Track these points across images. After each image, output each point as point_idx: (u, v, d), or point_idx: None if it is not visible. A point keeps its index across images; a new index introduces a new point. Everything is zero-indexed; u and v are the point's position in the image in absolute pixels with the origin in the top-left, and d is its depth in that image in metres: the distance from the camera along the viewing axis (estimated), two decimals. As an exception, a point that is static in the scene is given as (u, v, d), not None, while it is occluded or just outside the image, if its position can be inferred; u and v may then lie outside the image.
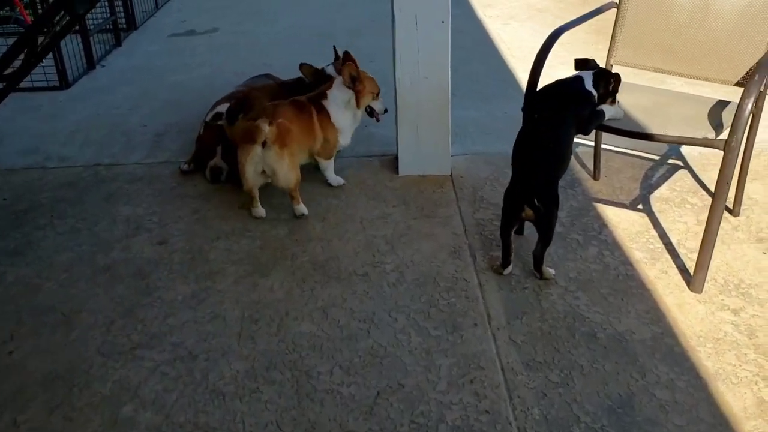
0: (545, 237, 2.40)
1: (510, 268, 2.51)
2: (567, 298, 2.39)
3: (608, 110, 2.43)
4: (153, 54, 5.23)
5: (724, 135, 2.26)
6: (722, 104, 2.62)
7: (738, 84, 2.61)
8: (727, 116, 2.50)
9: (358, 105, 3.05)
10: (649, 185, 3.11)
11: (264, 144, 2.73)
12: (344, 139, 3.10)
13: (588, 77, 2.46)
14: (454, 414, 1.94)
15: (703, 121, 2.46)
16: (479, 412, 1.94)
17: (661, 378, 2.04)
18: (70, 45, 4.63)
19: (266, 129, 2.70)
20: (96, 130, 3.88)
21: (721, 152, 2.26)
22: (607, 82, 2.46)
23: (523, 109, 2.54)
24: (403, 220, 2.89)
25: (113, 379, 2.10)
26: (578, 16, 2.82)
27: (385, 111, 3.14)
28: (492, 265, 2.57)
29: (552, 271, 2.46)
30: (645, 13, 2.78)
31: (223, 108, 3.35)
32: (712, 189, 3.04)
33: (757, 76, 2.14)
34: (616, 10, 2.86)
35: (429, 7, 2.88)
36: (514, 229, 2.53)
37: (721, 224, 2.75)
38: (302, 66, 3.36)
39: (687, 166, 3.26)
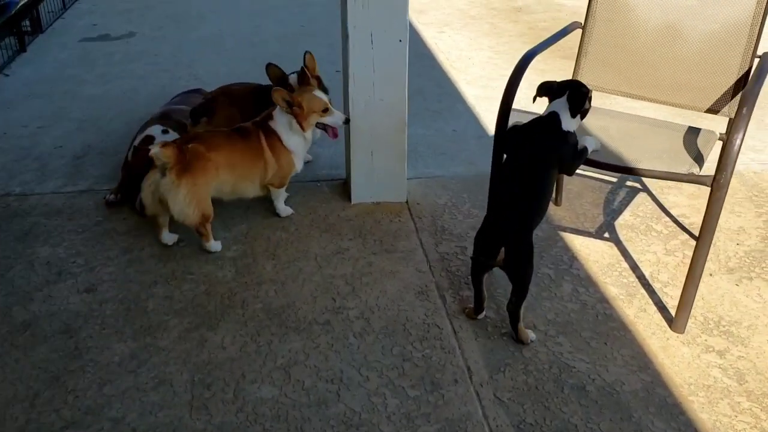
0: (519, 290, 2.18)
1: (483, 312, 2.33)
2: (549, 344, 2.22)
3: (589, 144, 2.27)
4: (64, 62, 4.76)
5: (709, 170, 2.15)
6: (693, 131, 2.52)
7: (709, 111, 2.52)
8: (704, 146, 2.40)
9: (302, 128, 2.77)
10: (612, 211, 3.00)
11: (163, 170, 2.45)
12: (298, 163, 2.83)
13: (563, 110, 2.23)
14: (447, 494, 1.73)
15: (681, 152, 2.35)
16: (474, 491, 1.74)
17: (660, 436, 1.90)
18: (-31, 53, 4.14)
19: (157, 151, 2.40)
20: (2, 154, 3.45)
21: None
22: (583, 102, 2.26)
23: (498, 146, 2.35)
24: (361, 255, 2.66)
25: (42, 472, 1.78)
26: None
27: (346, 121, 2.80)
28: (464, 308, 2.38)
29: (532, 335, 2.24)
30: (610, 36, 2.65)
31: (153, 131, 3.02)
32: (674, 213, 2.98)
33: (745, 109, 2.04)
34: (581, 31, 2.72)
35: (385, 25, 2.66)
36: (486, 274, 2.32)
37: (688, 253, 2.68)
38: (269, 67, 3.08)
39: (645, 189, 3.18)
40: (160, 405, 1.98)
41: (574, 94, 2.25)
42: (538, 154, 2.17)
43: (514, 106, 2.38)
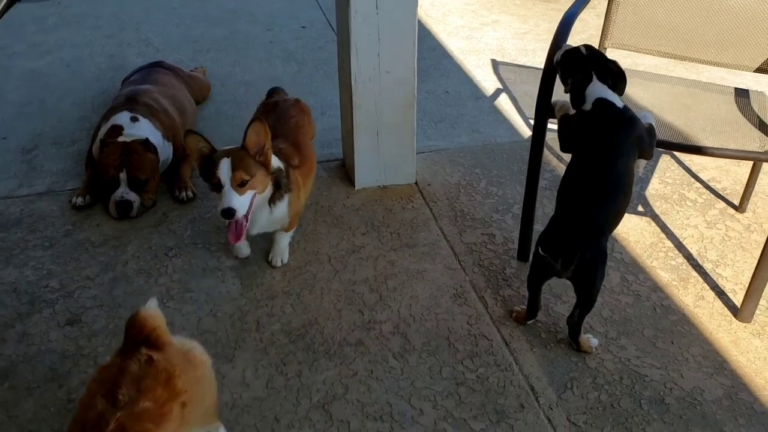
0: (586, 302, 1.90)
1: (534, 319, 2.07)
2: (612, 349, 1.99)
3: (649, 120, 1.98)
4: (-11, 31, 4.18)
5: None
6: (743, 94, 2.28)
7: (759, 70, 2.27)
8: (762, 111, 2.16)
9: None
10: (639, 179, 2.76)
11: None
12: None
13: (607, 92, 1.89)
14: None
15: (741, 121, 2.10)
16: None
17: (759, 454, 1.71)
18: None
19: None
20: (-64, 149, 2.95)
21: None
22: (624, 79, 1.94)
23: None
24: (380, 253, 2.35)
25: None
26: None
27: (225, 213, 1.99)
28: (511, 310, 2.11)
29: (594, 341, 1.99)
30: (645, -13, 2.35)
31: (121, 119, 2.59)
32: (703, 177, 2.78)
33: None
34: (610, -18, 2.41)
35: (393, -15, 2.28)
36: (546, 282, 2.03)
37: (731, 225, 2.48)
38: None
39: (666, 150, 2.94)
40: (186, 468, 1.66)
41: (605, 74, 1.90)
42: (615, 147, 1.85)
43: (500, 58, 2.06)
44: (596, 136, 1.86)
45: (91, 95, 3.40)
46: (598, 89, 1.90)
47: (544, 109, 2.06)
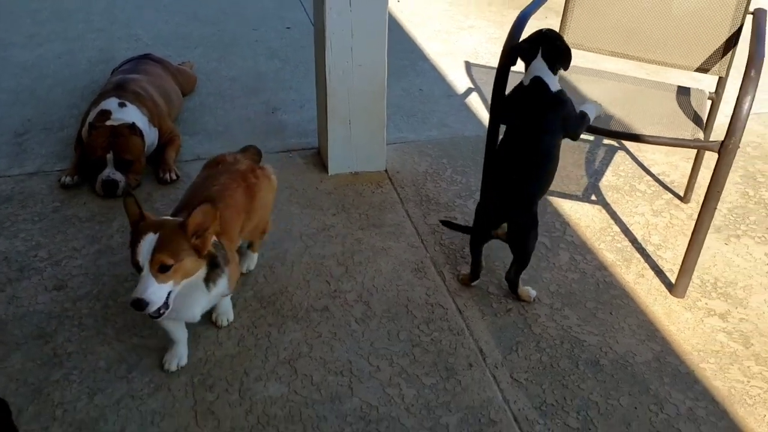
0: (520, 261, 2.16)
1: (478, 280, 2.27)
2: (556, 318, 2.18)
3: (590, 110, 2.18)
4: (-16, 23, 4.33)
5: (708, 132, 2.11)
6: (684, 92, 2.48)
7: (699, 70, 2.48)
8: (698, 107, 2.37)
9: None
10: (594, 171, 2.96)
11: None
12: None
13: (544, 72, 2.08)
14: (482, 489, 1.67)
15: (679, 115, 2.31)
16: (508, 482, 1.69)
17: (680, 408, 1.89)
18: None
19: None
20: (-69, 132, 3.11)
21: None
22: (559, 57, 2.10)
23: (495, 119, 2.23)
24: (349, 232, 2.53)
25: (41, 500, 1.62)
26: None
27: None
28: (458, 274, 2.31)
29: (533, 292, 2.22)
30: (598, -8, 2.55)
31: (109, 104, 2.77)
32: (654, 171, 2.97)
33: (753, 71, 1.99)
34: (566, -13, 2.61)
35: (364, -16, 2.48)
36: (486, 244, 2.26)
37: (675, 213, 2.68)
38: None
39: (622, 146, 3.15)
40: (161, 413, 1.83)
41: (549, 52, 2.09)
42: (541, 124, 2.06)
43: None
44: (527, 112, 2.07)
45: (81, 85, 3.57)
46: (538, 67, 2.09)
47: (499, 99, 2.25)
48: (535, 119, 2.08)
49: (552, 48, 2.11)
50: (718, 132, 2.29)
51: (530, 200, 2.06)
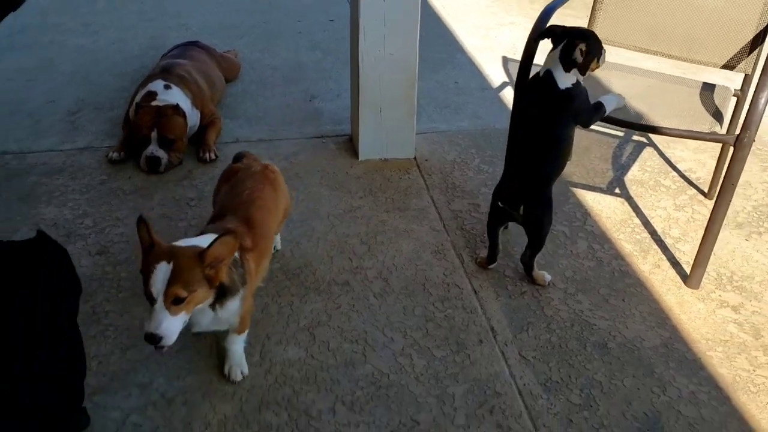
0: (535, 243, 2.23)
1: (495, 263, 2.35)
2: (569, 302, 2.24)
3: (610, 102, 2.23)
4: (46, 10, 4.57)
5: (732, 129, 2.15)
6: (709, 88, 2.52)
7: (725, 66, 2.51)
8: (721, 103, 2.40)
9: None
10: (620, 166, 3.00)
11: None
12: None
13: (556, 66, 2.10)
14: (482, 453, 1.76)
15: (700, 109, 2.35)
16: (507, 449, 1.77)
17: (682, 392, 1.95)
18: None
19: None
20: (-7, 108, 3.33)
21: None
22: (571, 55, 2.07)
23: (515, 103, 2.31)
24: (374, 214, 2.64)
25: (75, 439, 1.77)
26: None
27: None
28: (476, 257, 2.39)
29: (548, 276, 2.29)
30: (627, -12, 2.60)
31: (156, 86, 2.94)
32: (680, 168, 3.00)
33: (771, 67, 2.02)
34: (595, -18, 2.67)
35: (398, -24, 2.58)
36: (502, 228, 2.35)
37: (697, 209, 2.71)
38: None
39: (651, 143, 3.18)
40: (187, 369, 1.97)
41: (566, 48, 2.09)
42: (546, 117, 2.12)
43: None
44: (536, 103, 2.12)
45: (132, 70, 3.76)
46: (552, 60, 2.13)
47: (522, 84, 2.33)
48: (543, 111, 2.13)
49: (568, 48, 2.10)
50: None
51: (544, 182, 2.14)
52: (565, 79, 2.10)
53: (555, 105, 2.11)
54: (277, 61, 3.97)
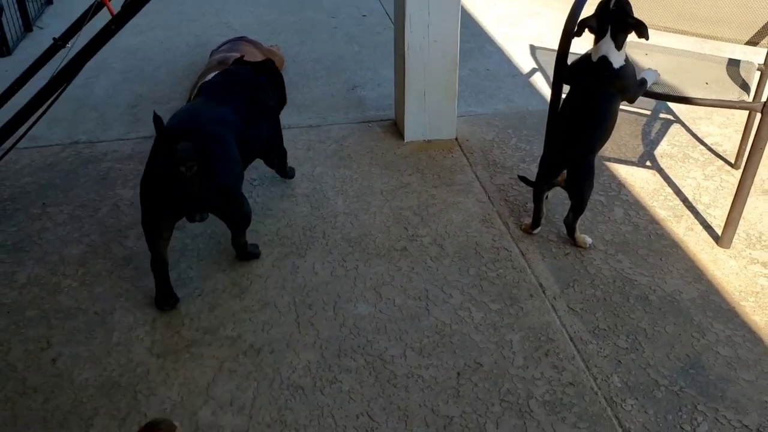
0: (578, 206, 2.43)
1: (539, 228, 2.55)
2: (610, 262, 2.44)
3: (650, 76, 2.43)
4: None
5: (758, 99, 2.33)
6: (734, 63, 2.70)
7: (749, 43, 2.69)
8: (746, 75, 2.59)
9: None
10: (650, 141, 3.19)
11: None
12: None
13: (610, 50, 2.29)
14: (541, 389, 1.96)
15: (727, 82, 2.54)
16: (564, 385, 1.97)
17: (719, 336, 2.14)
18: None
19: None
20: (59, 104, 3.55)
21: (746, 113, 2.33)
22: (625, 28, 2.27)
23: (562, 80, 2.50)
24: (423, 189, 2.85)
25: (179, 382, 1.99)
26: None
27: None
28: (521, 224, 2.60)
29: (589, 239, 2.49)
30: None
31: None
32: (707, 142, 3.18)
33: (794, 40, 2.21)
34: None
35: (441, -32, 2.79)
36: (547, 193, 2.55)
37: (725, 178, 2.89)
38: None
39: (678, 120, 3.37)
40: (270, 323, 2.19)
41: (616, 30, 2.28)
42: (601, 93, 2.32)
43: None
44: (591, 83, 2.33)
45: (182, 65, 4.00)
46: (605, 47, 2.34)
47: (561, 68, 2.53)
48: (597, 89, 2.34)
49: (621, 25, 2.30)
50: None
51: (589, 150, 2.34)
52: (619, 58, 2.30)
53: (608, 84, 2.31)
54: (316, 54, 4.19)
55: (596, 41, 2.37)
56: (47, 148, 3.17)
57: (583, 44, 2.49)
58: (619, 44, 2.32)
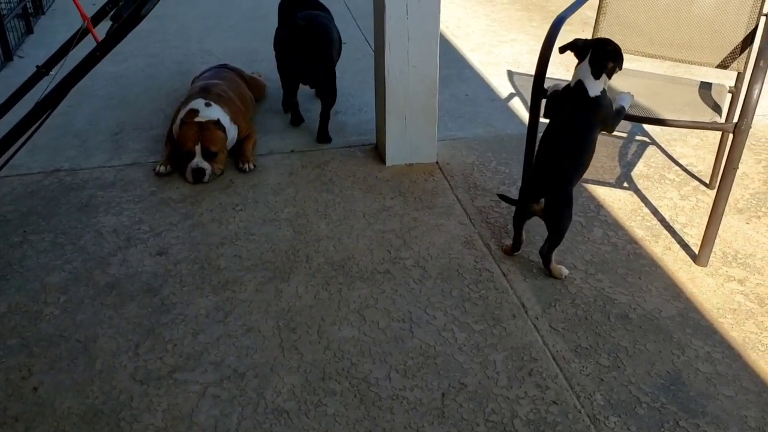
0: (554, 237, 2.44)
1: (519, 251, 2.58)
2: (591, 281, 2.48)
3: (626, 101, 2.49)
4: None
5: (729, 121, 2.40)
6: (706, 86, 2.78)
7: (719, 66, 2.77)
8: (718, 97, 2.66)
9: None
10: (626, 163, 3.25)
11: None
12: None
13: (587, 76, 2.37)
14: (525, 408, 1.98)
15: (700, 104, 2.60)
16: (547, 404, 1.99)
17: (699, 352, 2.17)
18: (-12, 36, 4.22)
19: None
20: (40, 132, 3.55)
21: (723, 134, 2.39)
22: (603, 63, 2.37)
23: (536, 110, 2.55)
24: (405, 212, 2.88)
25: (162, 408, 1.98)
26: None
27: None
28: (502, 245, 2.63)
29: (565, 270, 2.49)
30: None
31: (197, 104, 3.18)
32: (682, 163, 3.25)
33: (761, 62, 2.28)
34: (599, -6, 2.94)
35: (420, -4, 2.85)
36: (527, 220, 2.57)
37: (701, 198, 2.95)
38: None
39: (654, 142, 3.44)
40: (254, 348, 2.19)
41: (594, 57, 2.38)
42: (579, 121, 2.38)
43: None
44: (569, 111, 2.39)
45: (164, 92, 4.02)
46: (583, 72, 2.40)
47: (538, 89, 2.58)
48: (575, 118, 2.40)
49: (599, 55, 2.37)
50: (736, 120, 2.56)
51: (567, 180, 2.37)
52: (596, 87, 2.36)
53: (587, 111, 2.37)
54: (298, 81, 4.22)
55: (577, 65, 2.43)
56: (29, 176, 3.16)
57: (560, 69, 2.55)
58: (597, 72, 2.38)
